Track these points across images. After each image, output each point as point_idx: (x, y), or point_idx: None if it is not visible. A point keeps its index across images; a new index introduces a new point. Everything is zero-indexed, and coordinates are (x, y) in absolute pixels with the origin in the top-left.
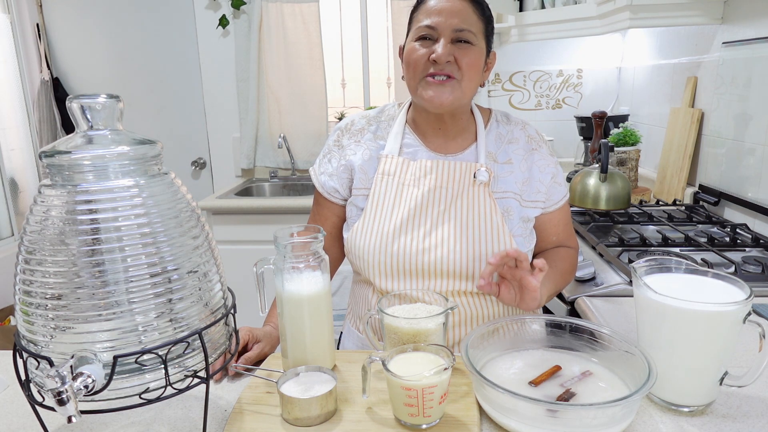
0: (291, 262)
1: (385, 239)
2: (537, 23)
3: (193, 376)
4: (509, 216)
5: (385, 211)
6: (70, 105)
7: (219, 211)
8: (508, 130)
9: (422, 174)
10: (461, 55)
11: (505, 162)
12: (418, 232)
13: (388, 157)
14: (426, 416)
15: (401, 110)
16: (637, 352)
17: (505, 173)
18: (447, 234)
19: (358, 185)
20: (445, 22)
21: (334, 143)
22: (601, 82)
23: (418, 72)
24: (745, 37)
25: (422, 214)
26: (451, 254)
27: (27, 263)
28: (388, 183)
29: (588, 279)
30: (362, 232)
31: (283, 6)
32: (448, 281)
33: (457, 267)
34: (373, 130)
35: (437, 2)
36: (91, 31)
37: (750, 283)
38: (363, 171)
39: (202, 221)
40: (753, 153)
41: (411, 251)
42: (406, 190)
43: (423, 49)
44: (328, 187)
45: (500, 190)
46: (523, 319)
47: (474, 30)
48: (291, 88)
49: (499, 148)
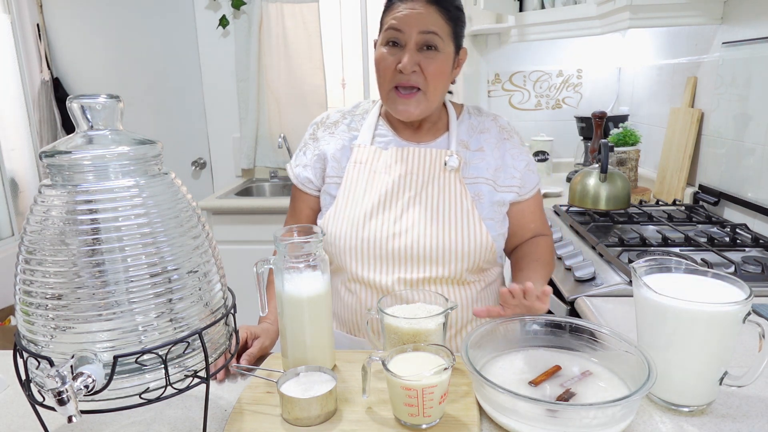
0: (291, 262)
1: (356, 224)
2: (537, 23)
3: (193, 376)
4: (480, 200)
5: (357, 198)
6: (71, 105)
7: (219, 211)
8: (480, 121)
9: (393, 161)
10: (426, 64)
11: (477, 150)
12: (388, 217)
13: (360, 146)
14: (426, 416)
15: (375, 105)
16: (637, 352)
17: (476, 160)
18: (417, 218)
19: (331, 173)
20: (411, 27)
21: (310, 137)
22: (601, 82)
23: (386, 81)
24: (745, 37)
25: (393, 199)
26: (422, 238)
27: (27, 263)
28: (360, 171)
29: (588, 279)
30: (334, 217)
31: (283, 6)
32: (419, 267)
33: (427, 251)
34: (347, 123)
35: (404, 7)
36: (91, 31)
37: (750, 283)
38: (336, 159)
39: (202, 221)
40: (753, 153)
41: (382, 236)
42: (378, 177)
43: (390, 57)
44: (302, 178)
45: (472, 176)
46: (523, 319)
47: (440, 33)
48: (291, 88)
49: (471, 137)
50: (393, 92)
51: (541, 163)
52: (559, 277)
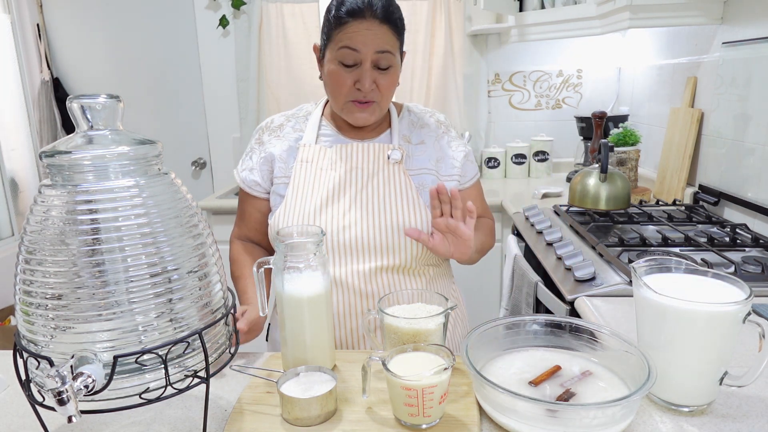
0: (291, 262)
1: (306, 219)
2: (537, 23)
3: (193, 376)
4: (424, 190)
5: (306, 194)
6: (71, 105)
7: (219, 211)
8: (419, 117)
9: (338, 158)
10: (382, 80)
11: (418, 143)
12: (337, 211)
13: (305, 146)
14: (426, 416)
15: (318, 107)
16: (637, 352)
17: (418, 152)
18: (365, 210)
19: (279, 174)
20: (367, 47)
21: (256, 141)
22: (601, 82)
23: (342, 95)
24: (745, 37)
25: (340, 193)
26: (370, 229)
27: (27, 263)
28: (307, 169)
29: (588, 279)
30: (284, 215)
31: (283, 6)
32: (371, 258)
33: (376, 241)
34: (292, 125)
35: (358, 27)
36: (91, 31)
37: (750, 283)
38: (282, 160)
39: (202, 221)
40: (753, 153)
41: (332, 229)
42: (324, 173)
43: (346, 75)
44: (249, 181)
45: (415, 167)
46: (523, 319)
47: (392, 50)
48: (291, 88)
49: (412, 132)
50: (350, 104)
51: (541, 163)
52: (559, 277)
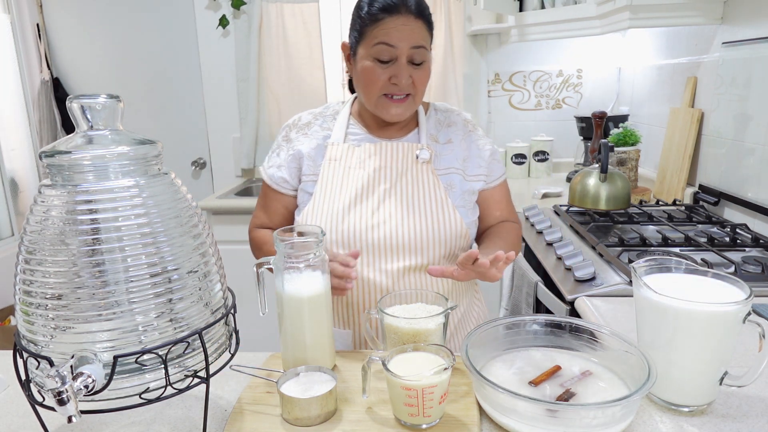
0: (291, 262)
1: (335, 218)
2: (537, 23)
3: (193, 376)
4: (452, 190)
5: (334, 193)
6: (71, 105)
7: (219, 211)
8: (446, 116)
9: (367, 156)
10: (417, 75)
11: (446, 142)
12: (365, 210)
13: (334, 145)
14: (426, 416)
15: (345, 105)
16: (636, 352)
17: (446, 152)
18: (393, 209)
19: (307, 172)
20: (403, 43)
21: (283, 138)
22: (601, 82)
23: (376, 90)
24: (745, 37)
25: (368, 193)
26: (399, 228)
27: (27, 263)
28: (335, 168)
29: (588, 279)
30: (312, 213)
31: (283, 6)
32: (399, 257)
33: (404, 240)
34: (320, 123)
35: (395, 24)
36: (91, 31)
37: (750, 283)
38: (311, 158)
39: (202, 221)
40: (753, 153)
41: (360, 228)
42: (353, 172)
43: (381, 71)
44: (277, 178)
45: (443, 167)
46: (523, 319)
47: (426, 45)
48: (291, 88)
49: (440, 131)
50: (384, 98)
51: (540, 163)
52: (559, 277)
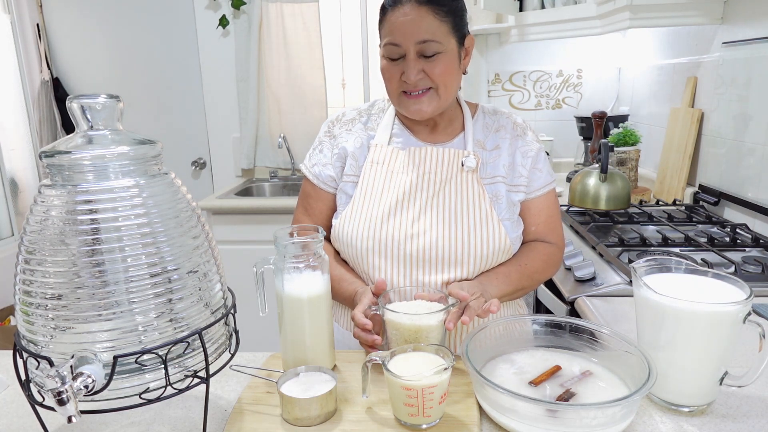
0: (291, 262)
1: (374, 224)
2: (537, 23)
3: (193, 376)
4: (498, 201)
5: (374, 198)
6: (71, 105)
7: (219, 211)
8: (495, 120)
9: (411, 161)
10: (431, 68)
11: (493, 149)
12: (406, 218)
13: (377, 146)
14: (426, 416)
15: (391, 105)
16: (637, 352)
17: (493, 158)
18: (434, 219)
19: (349, 171)
20: (407, 39)
21: (325, 134)
22: (601, 82)
23: (393, 88)
24: (745, 37)
25: (410, 200)
26: (439, 240)
27: (27, 263)
28: (377, 171)
29: (588, 279)
30: (351, 218)
31: (283, 6)
32: (436, 269)
33: (443, 253)
34: (364, 121)
35: (396, 18)
36: (91, 31)
37: (750, 283)
38: (354, 158)
39: (202, 221)
40: (753, 153)
41: (399, 236)
42: (395, 177)
43: (393, 68)
44: (324, 177)
45: (489, 175)
46: (523, 319)
47: (437, 37)
48: (291, 88)
49: (487, 136)
50: (402, 96)
51: None
52: (559, 277)
